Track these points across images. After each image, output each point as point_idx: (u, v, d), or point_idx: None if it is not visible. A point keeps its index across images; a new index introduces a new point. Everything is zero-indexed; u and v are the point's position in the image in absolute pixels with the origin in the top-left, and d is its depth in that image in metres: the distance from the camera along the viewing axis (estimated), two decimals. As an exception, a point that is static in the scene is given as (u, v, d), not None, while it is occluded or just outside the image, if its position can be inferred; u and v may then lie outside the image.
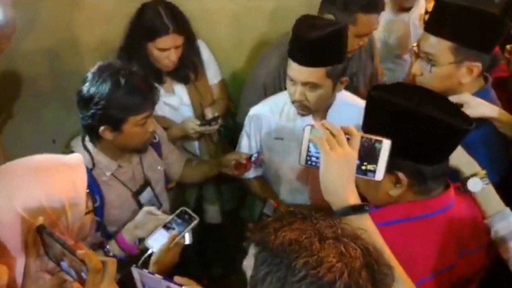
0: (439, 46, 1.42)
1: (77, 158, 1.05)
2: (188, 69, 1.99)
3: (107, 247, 1.41)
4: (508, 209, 1.17)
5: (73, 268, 0.85)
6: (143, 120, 1.47)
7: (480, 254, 1.18)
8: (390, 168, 1.06)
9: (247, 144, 1.84)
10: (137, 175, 1.65)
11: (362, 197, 1.18)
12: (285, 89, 1.67)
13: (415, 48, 1.52)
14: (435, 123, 1.02)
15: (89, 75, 1.46)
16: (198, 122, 1.95)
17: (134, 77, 1.45)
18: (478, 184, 1.18)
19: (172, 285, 1.05)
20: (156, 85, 1.56)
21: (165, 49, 1.84)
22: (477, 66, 1.41)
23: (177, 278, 1.07)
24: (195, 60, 2.01)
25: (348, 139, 1.01)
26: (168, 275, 1.11)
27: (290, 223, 0.79)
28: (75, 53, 2.16)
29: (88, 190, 1.03)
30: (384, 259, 0.78)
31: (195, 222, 1.38)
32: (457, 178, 1.22)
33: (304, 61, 1.51)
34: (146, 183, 1.68)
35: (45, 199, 0.93)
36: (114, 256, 1.38)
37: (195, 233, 1.42)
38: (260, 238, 0.79)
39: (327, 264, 0.72)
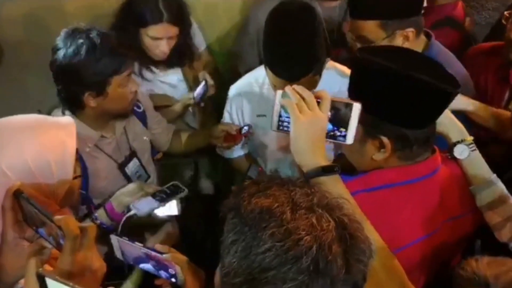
0: (368, 27, 1.52)
1: (67, 119, 1.02)
2: (181, 57, 1.93)
3: (95, 214, 1.39)
4: (494, 175, 1.17)
5: (51, 234, 0.83)
6: (126, 78, 1.45)
7: (465, 220, 1.18)
8: (374, 132, 1.06)
9: (229, 122, 1.81)
10: (122, 146, 1.62)
11: (350, 164, 1.19)
12: None
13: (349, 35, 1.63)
14: (421, 85, 1.00)
15: (59, 43, 1.41)
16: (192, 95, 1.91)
17: (107, 37, 1.41)
18: (465, 151, 1.16)
19: (152, 252, 1.04)
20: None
21: (157, 38, 1.77)
22: (411, 31, 1.52)
23: (157, 246, 1.05)
24: (189, 49, 1.94)
25: (318, 102, 1.00)
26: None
27: (265, 188, 0.74)
28: (59, 19, 2.08)
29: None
30: (361, 232, 0.72)
31: (183, 192, 1.37)
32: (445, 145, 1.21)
33: (287, 78, 1.37)
34: (132, 154, 1.65)
35: (31, 158, 0.90)
36: (101, 223, 1.37)
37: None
38: (234, 203, 0.75)
39: (295, 236, 0.67)
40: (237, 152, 1.87)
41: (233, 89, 1.78)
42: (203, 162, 2.24)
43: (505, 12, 1.71)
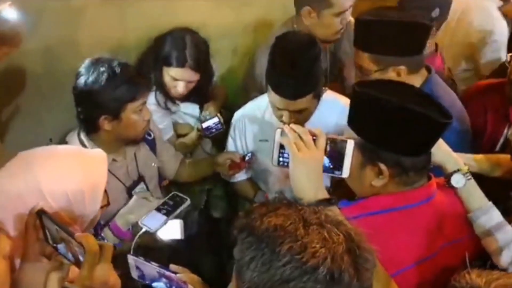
0: (362, 57, 1.59)
1: (101, 153, 1.10)
2: (198, 98, 2.02)
3: (102, 234, 1.45)
4: (490, 203, 1.22)
5: (71, 251, 0.88)
6: (140, 106, 1.55)
7: (462, 245, 1.21)
8: (373, 160, 1.13)
9: (233, 148, 1.88)
10: (131, 171, 1.69)
11: (350, 189, 1.26)
12: None
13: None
14: (415, 116, 1.07)
15: (82, 70, 1.52)
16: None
17: (126, 67, 1.53)
18: (461, 180, 1.21)
19: (166, 272, 1.08)
20: None
21: (176, 79, 1.87)
22: (402, 69, 1.57)
23: (172, 266, 1.10)
24: (206, 92, 2.03)
25: (315, 140, 1.10)
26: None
27: (275, 209, 0.81)
28: (74, 53, 2.18)
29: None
30: (365, 244, 0.80)
31: (187, 203, 1.41)
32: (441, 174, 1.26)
33: (290, 97, 1.50)
34: (140, 179, 1.72)
35: (70, 187, 0.97)
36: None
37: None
38: (246, 224, 0.81)
39: (311, 249, 0.74)
40: (241, 176, 1.93)
41: (237, 115, 1.86)
42: (216, 190, 2.30)
43: (509, 54, 1.78)
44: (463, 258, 1.23)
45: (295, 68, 1.46)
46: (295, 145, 1.09)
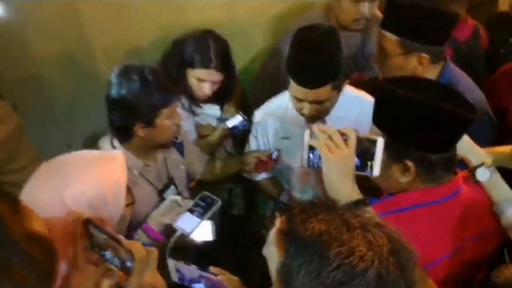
0: (388, 39, 1.61)
1: (118, 154, 1.15)
2: (222, 98, 2.04)
3: (136, 236, 1.49)
4: None
5: (118, 258, 0.93)
6: (172, 112, 1.58)
7: (489, 238, 1.23)
8: (399, 157, 1.14)
9: (256, 147, 1.91)
10: (162, 174, 1.74)
11: (377, 186, 1.28)
12: None
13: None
14: (441, 113, 1.08)
15: (114, 78, 1.56)
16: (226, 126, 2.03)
17: (158, 74, 1.57)
18: (485, 173, 1.23)
19: (207, 274, 1.12)
20: None
21: (202, 80, 1.89)
22: (425, 57, 1.58)
23: (212, 268, 1.14)
24: (230, 92, 2.05)
25: (345, 139, 1.11)
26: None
27: (315, 214, 0.83)
28: (90, 58, 2.25)
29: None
30: (406, 244, 0.83)
31: (218, 204, 1.43)
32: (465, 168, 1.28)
33: (310, 85, 1.52)
34: (170, 181, 1.77)
35: (90, 191, 1.02)
36: (142, 244, 1.47)
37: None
38: (289, 230, 0.84)
39: (358, 253, 0.76)
40: (265, 174, 1.96)
41: (258, 114, 1.88)
42: (237, 189, 2.36)
43: None
44: (490, 250, 1.25)
45: (314, 56, 1.49)
46: (326, 146, 1.11)
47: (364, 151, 1.13)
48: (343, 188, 1.10)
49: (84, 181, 1.03)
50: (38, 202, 0.97)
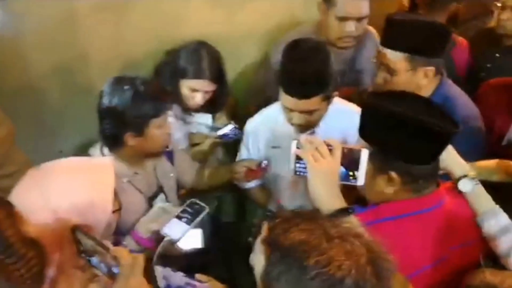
0: (395, 57, 1.62)
1: (106, 160, 1.16)
2: (213, 107, 2.07)
3: (124, 243, 1.49)
4: (497, 207, 1.26)
5: (104, 263, 0.95)
6: (163, 121, 1.60)
7: (472, 248, 1.26)
8: (384, 168, 1.18)
9: (246, 156, 1.94)
10: (151, 182, 1.75)
11: (363, 196, 1.31)
12: None
13: (374, 62, 1.71)
14: (423, 126, 1.11)
15: (106, 89, 1.57)
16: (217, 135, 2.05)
17: (150, 85, 1.59)
18: (468, 185, 1.26)
19: (193, 281, 1.12)
20: None
21: (195, 90, 1.93)
22: (431, 70, 1.62)
23: (198, 276, 1.15)
24: (222, 101, 2.07)
25: (330, 150, 1.15)
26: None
27: (296, 224, 0.85)
28: (85, 68, 2.25)
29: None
30: (384, 254, 0.85)
31: (206, 210, 1.45)
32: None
33: (299, 95, 1.55)
34: (159, 190, 1.78)
35: (77, 197, 1.03)
36: (132, 251, 1.47)
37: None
38: (271, 239, 0.86)
39: (336, 262, 0.78)
40: (254, 182, 1.98)
41: (250, 123, 1.92)
42: (227, 197, 2.36)
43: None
44: (473, 260, 1.26)
45: (304, 67, 1.52)
46: (312, 156, 1.14)
47: (350, 162, 1.17)
48: (327, 197, 1.13)
49: (72, 187, 1.04)
50: (25, 208, 0.97)
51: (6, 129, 1.59)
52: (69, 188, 1.04)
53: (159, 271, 1.16)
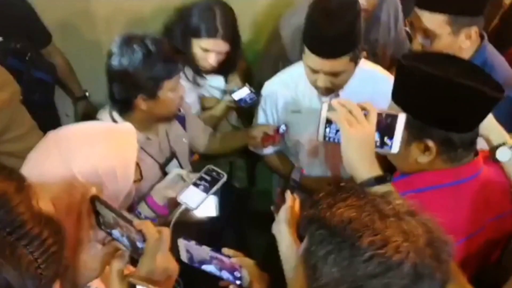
0: (434, 20, 1.48)
1: (129, 127, 1.08)
2: (226, 69, 1.97)
3: (138, 209, 1.45)
4: None
5: (127, 237, 0.88)
6: (176, 84, 1.52)
7: (507, 219, 1.20)
8: (420, 136, 1.10)
9: (264, 120, 1.85)
10: (163, 148, 1.68)
11: (390, 164, 1.24)
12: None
13: (408, 28, 1.60)
14: (466, 91, 1.03)
15: (115, 49, 1.48)
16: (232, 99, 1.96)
17: (162, 44, 1.48)
18: (506, 154, 1.18)
19: (220, 256, 1.07)
20: None
21: (208, 50, 1.82)
22: (475, 30, 1.49)
23: (225, 250, 1.09)
24: (235, 63, 1.98)
25: (365, 114, 1.06)
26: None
27: (343, 199, 0.78)
28: (90, 25, 2.17)
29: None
30: (442, 235, 0.77)
31: (223, 178, 1.38)
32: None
33: (327, 54, 1.45)
34: (172, 155, 1.71)
35: (99, 164, 0.96)
36: (145, 217, 1.43)
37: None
38: (314, 215, 0.78)
39: (393, 243, 0.71)
40: (271, 149, 1.91)
41: (268, 86, 1.81)
42: (239, 162, 2.30)
43: None
44: (507, 232, 1.23)
45: (332, 24, 1.42)
46: (346, 120, 1.05)
47: (384, 127, 1.08)
48: (363, 164, 1.06)
49: (95, 153, 0.97)
50: (46, 173, 0.92)
51: (9, 91, 1.51)
52: (93, 154, 0.97)
53: (182, 244, 1.11)
